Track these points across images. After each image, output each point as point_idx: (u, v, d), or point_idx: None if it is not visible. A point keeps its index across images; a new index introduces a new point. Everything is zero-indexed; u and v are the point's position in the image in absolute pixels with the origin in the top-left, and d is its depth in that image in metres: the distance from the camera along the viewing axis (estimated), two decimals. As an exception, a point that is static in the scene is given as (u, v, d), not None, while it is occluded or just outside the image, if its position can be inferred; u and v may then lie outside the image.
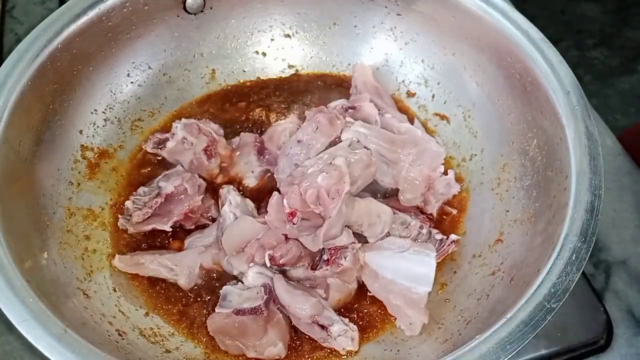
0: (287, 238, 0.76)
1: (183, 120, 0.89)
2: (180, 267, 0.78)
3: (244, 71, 1.01)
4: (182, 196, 0.83)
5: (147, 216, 0.81)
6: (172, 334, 0.76)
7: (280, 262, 0.75)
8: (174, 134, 0.88)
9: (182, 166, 0.88)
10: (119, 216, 0.84)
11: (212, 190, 0.87)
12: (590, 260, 0.64)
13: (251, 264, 0.76)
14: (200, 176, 0.87)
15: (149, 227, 0.82)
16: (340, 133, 0.85)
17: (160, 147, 0.89)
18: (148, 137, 0.91)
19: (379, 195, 0.86)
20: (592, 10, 2.58)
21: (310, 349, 0.74)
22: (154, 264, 0.79)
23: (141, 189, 0.86)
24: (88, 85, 0.86)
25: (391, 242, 0.79)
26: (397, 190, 0.85)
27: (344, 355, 0.74)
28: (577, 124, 0.73)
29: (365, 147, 0.83)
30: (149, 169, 0.90)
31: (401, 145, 0.84)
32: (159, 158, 0.90)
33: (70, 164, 0.84)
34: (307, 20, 0.99)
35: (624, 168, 0.98)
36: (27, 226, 0.73)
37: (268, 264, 0.75)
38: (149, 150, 0.90)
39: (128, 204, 0.84)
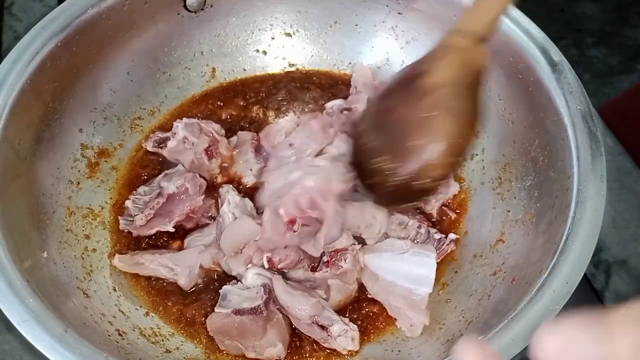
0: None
1: (184, 119, 0.88)
2: (181, 267, 0.78)
3: (244, 69, 1.00)
4: (184, 196, 0.82)
5: (149, 217, 0.80)
6: (172, 334, 0.76)
7: (279, 266, 0.75)
8: (174, 133, 0.87)
9: (183, 166, 0.87)
10: (120, 218, 0.83)
11: (212, 189, 0.87)
12: (590, 260, 0.64)
13: (249, 266, 0.76)
14: (200, 176, 0.86)
15: (152, 231, 0.81)
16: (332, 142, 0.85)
17: (160, 146, 0.88)
18: (148, 136, 0.91)
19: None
20: (592, 8, 2.58)
21: (311, 350, 0.74)
22: (154, 264, 0.78)
23: (141, 189, 0.85)
24: (88, 83, 0.86)
25: (391, 243, 0.79)
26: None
27: (345, 356, 0.74)
28: (579, 124, 0.72)
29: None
30: (148, 168, 0.89)
31: None
32: (159, 157, 0.90)
33: (70, 162, 0.84)
34: (308, 18, 0.99)
35: (624, 168, 0.98)
36: (27, 225, 0.73)
37: (266, 266, 0.75)
38: (149, 149, 0.89)
39: (128, 203, 0.83)
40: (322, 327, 0.73)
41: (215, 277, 0.80)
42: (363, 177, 0.75)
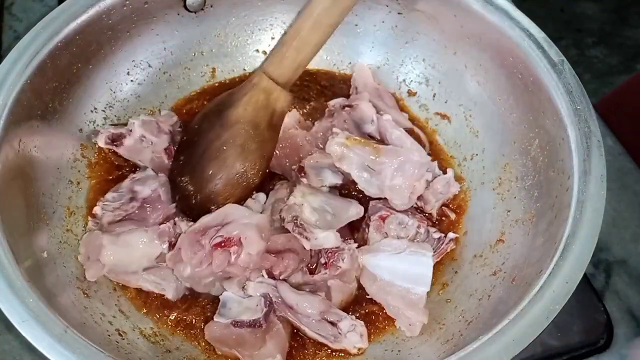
0: (280, 253, 0.76)
1: (141, 117, 0.86)
2: (167, 281, 0.77)
3: (244, 69, 1.00)
4: (157, 204, 0.81)
5: (119, 218, 0.79)
6: (172, 333, 0.76)
7: (281, 278, 0.75)
8: (130, 130, 0.84)
9: (154, 170, 0.84)
10: (89, 219, 0.80)
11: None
12: (590, 260, 0.64)
13: (246, 282, 0.75)
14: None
15: None
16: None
17: (115, 143, 0.84)
18: (98, 130, 0.86)
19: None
20: (592, 8, 2.58)
21: (313, 351, 0.74)
22: (140, 280, 0.77)
23: (110, 195, 0.81)
24: (88, 83, 0.86)
25: (387, 243, 0.78)
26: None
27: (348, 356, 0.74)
28: (579, 124, 0.72)
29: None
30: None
31: (384, 155, 0.82)
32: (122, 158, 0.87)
33: (70, 162, 0.84)
34: (308, 18, 0.99)
35: (624, 168, 0.98)
36: (27, 225, 0.73)
37: (265, 277, 0.75)
38: (101, 145, 0.84)
39: (97, 210, 0.80)
40: (332, 324, 0.73)
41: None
42: (174, 190, 0.80)
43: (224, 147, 0.77)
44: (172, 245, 0.77)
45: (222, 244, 0.74)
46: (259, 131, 0.78)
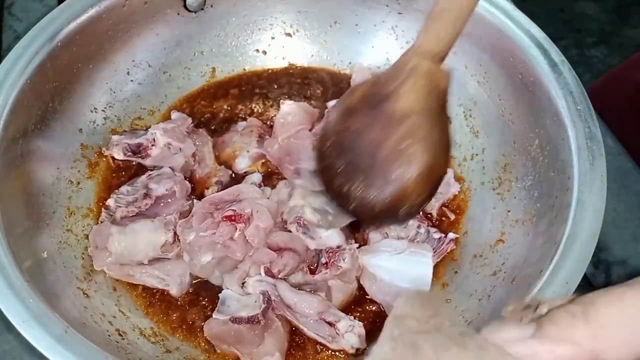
0: (280, 251, 0.76)
1: (161, 125, 0.86)
2: (171, 276, 0.77)
3: (244, 69, 1.00)
4: (170, 200, 0.82)
5: (131, 214, 0.80)
6: (173, 333, 0.76)
7: (279, 276, 0.75)
8: (153, 140, 0.84)
9: (172, 169, 0.85)
10: (103, 211, 0.81)
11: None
12: (590, 260, 0.64)
13: (246, 279, 0.76)
14: (185, 177, 0.85)
15: None
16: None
17: (139, 156, 0.85)
18: (109, 141, 0.86)
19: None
20: (592, 8, 2.58)
21: (313, 352, 0.74)
22: (144, 276, 0.77)
23: (124, 188, 0.83)
24: (88, 83, 0.86)
25: (388, 244, 0.79)
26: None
27: (350, 356, 0.74)
28: (579, 125, 0.72)
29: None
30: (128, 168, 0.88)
31: None
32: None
33: (70, 162, 0.84)
34: (308, 18, 0.99)
35: (624, 168, 0.98)
36: (27, 225, 0.73)
37: (263, 275, 0.75)
38: (118, 157, 0.85)
39: (110, 202, 0.81)
40: (330, 324, 0.73)
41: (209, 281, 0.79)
42: (337, 200, 0.74)
43: (405, 144, 0.70)
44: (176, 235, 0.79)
45: (232, 218, 0.76)
46: (435, 117, 0.71)
